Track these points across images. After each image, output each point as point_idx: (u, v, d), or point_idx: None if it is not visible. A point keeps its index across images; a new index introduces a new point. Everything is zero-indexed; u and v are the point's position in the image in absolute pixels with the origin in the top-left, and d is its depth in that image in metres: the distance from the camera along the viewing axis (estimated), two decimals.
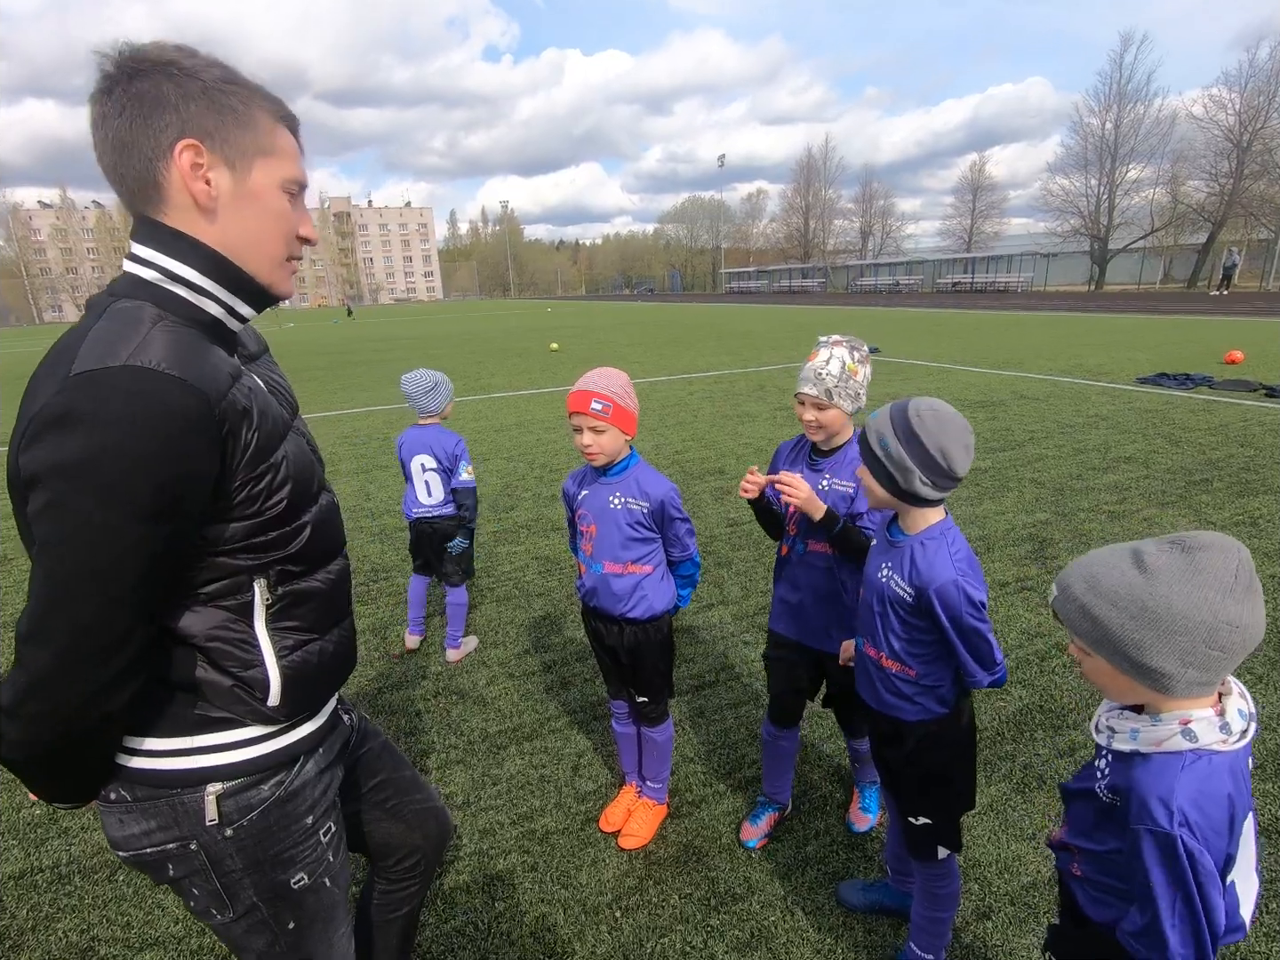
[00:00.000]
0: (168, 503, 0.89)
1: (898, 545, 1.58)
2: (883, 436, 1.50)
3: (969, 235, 69.27)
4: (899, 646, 1.58)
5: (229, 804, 1.05)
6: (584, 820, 2.43)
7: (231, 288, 1.03)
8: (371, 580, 4.48)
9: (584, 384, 1.96)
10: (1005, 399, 9.18)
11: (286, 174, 1.04)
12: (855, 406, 1.92)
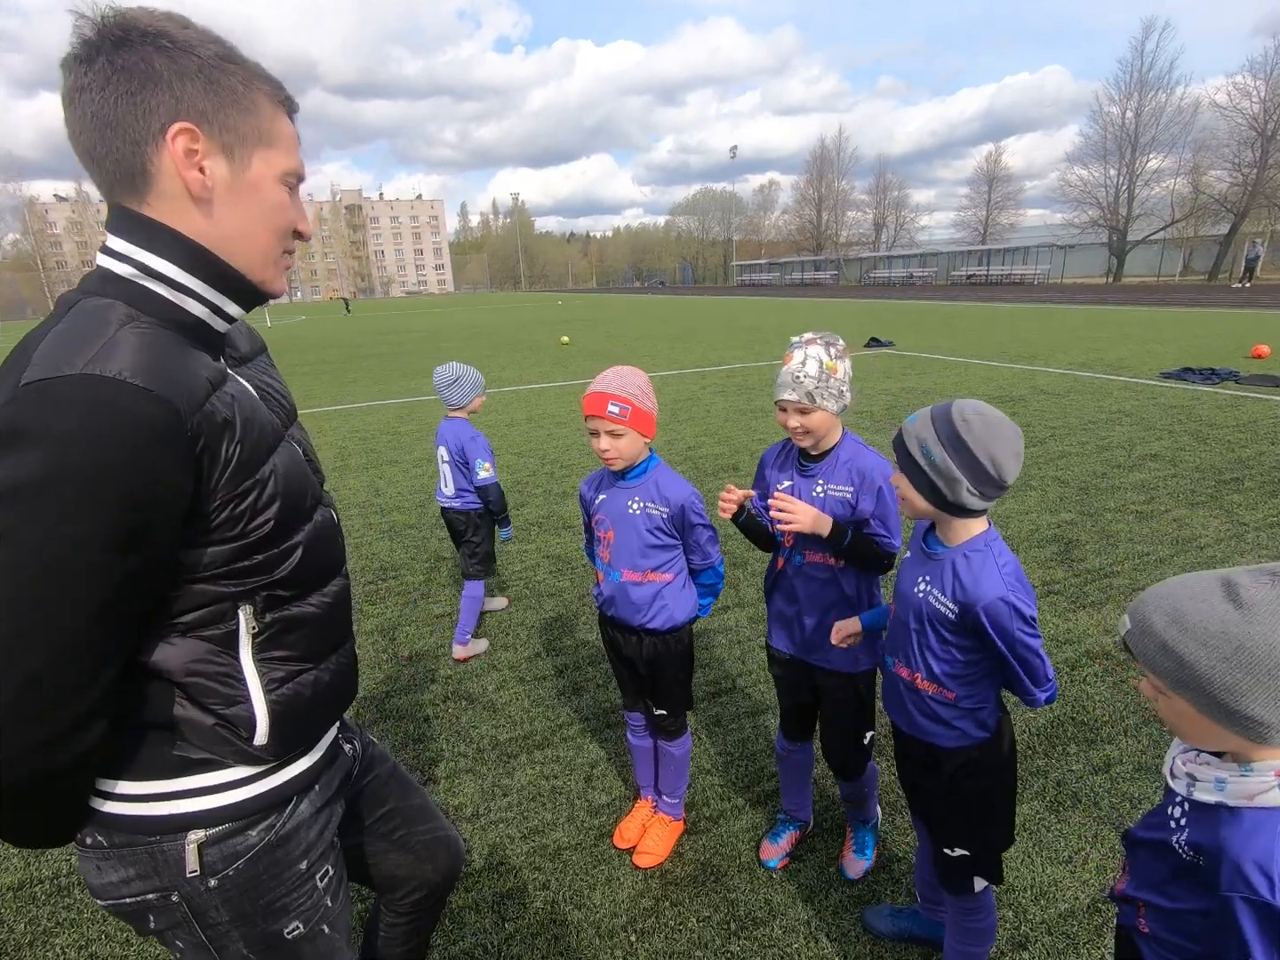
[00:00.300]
0: (132, 531, 0.79)
1: (936, 558, 1.47)
2: (924, 443, 1.38)
3: (984, 227, 68.42)
4: (938, 667, 1.47)
5: (212, 853, 0.96)
6: (597, 835, 2.35)
7: (218, 285, 0.94)
8: (380, 579, 4.40)
9: (600, 385, 1.85)
10: (1024, 394, 8.99)
11: (287, 165, 0.95)
12: (840, 405, 1.79)
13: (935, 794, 1.57)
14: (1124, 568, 4.09)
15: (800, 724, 2.13)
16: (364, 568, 4.58)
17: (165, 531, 0.83)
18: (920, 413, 1.44)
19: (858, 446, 1.87)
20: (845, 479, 1.83)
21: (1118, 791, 2.42)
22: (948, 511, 1.41)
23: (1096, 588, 3.87)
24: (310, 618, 1.03)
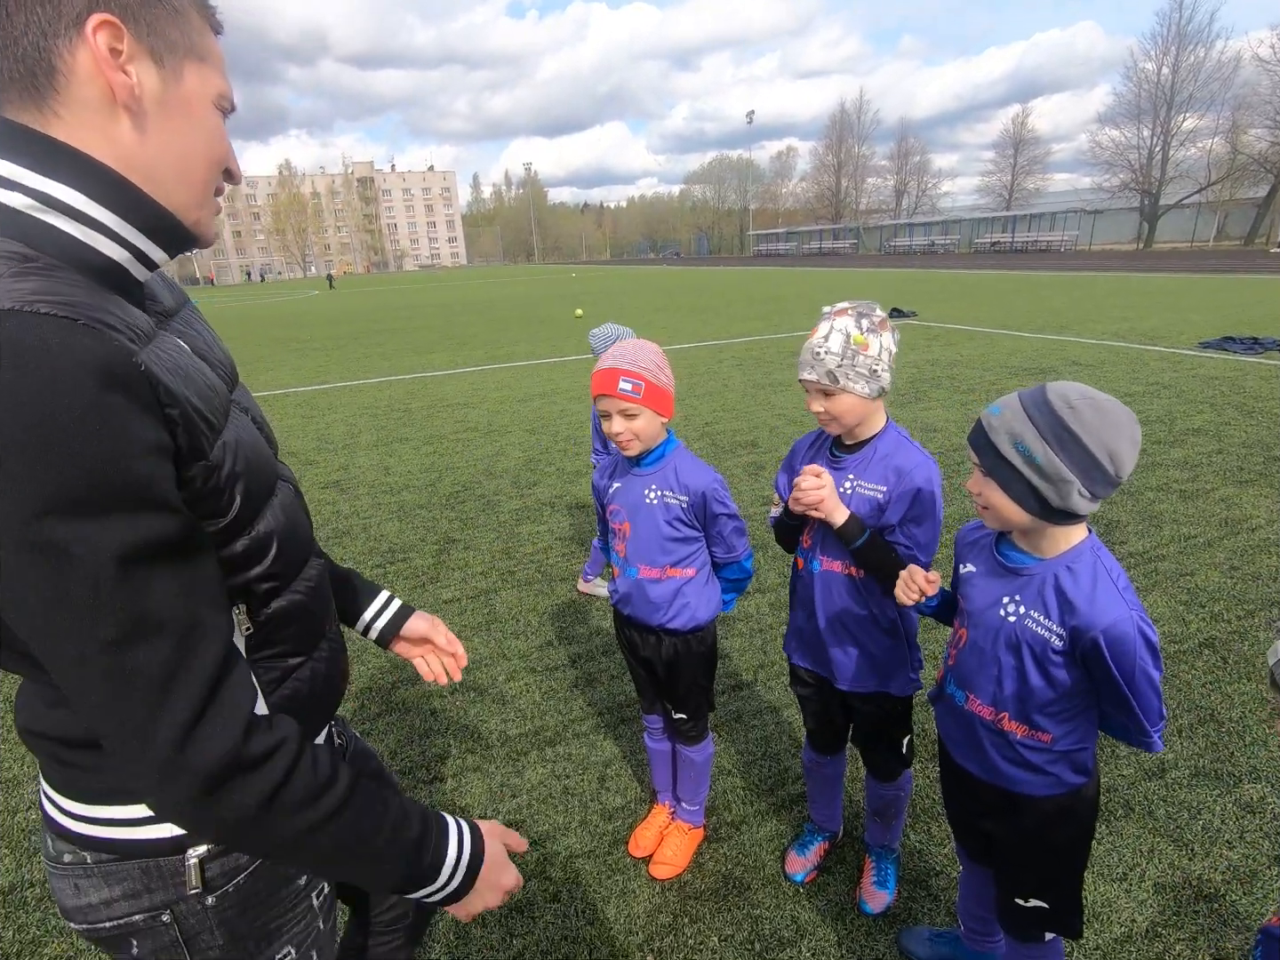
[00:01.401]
0: (116, 489, 0.64)
1: (1026, 572, 1.25)
2: (1020, 439, 1.15)
3: (1009, 192, 66.47)
4: (1034, 705, 1.26)
5: (213, 868, 0.87)
6: (611, 842, 2.21)
7: (141, 223, 0.77)
8: (388, 562, 4.27)
9: (610, 360, 1.65)
10: (1055, 365, 8.64)
11: (220, 87, 0.81)
12: (874, 388, 1.53)
13: (1012, 843, 1.38)
14: (1169, 551, 3.86)
15: (829, 741, 1.95)
16: (372, 549, 4.45)
17: (165, 488, 0.69)
18: (1005, 401, 1.20)
19: (901, 440, 1.62)
20: (879, 477, 1.58)
21: (1174, 800, 2.23)
22: (1051, 520, 1.19)
23: (1140, 573, 3.64)
24: (299, 606, 0.93)
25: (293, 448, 6.82)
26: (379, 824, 0.82)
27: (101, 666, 0.64)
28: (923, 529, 1.58)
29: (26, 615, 0.64)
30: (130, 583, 0.65)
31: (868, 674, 1.73)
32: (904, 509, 1.56)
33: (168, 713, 0.66)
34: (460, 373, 10.49)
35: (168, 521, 0.68)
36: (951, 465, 5.34)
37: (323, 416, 8.08)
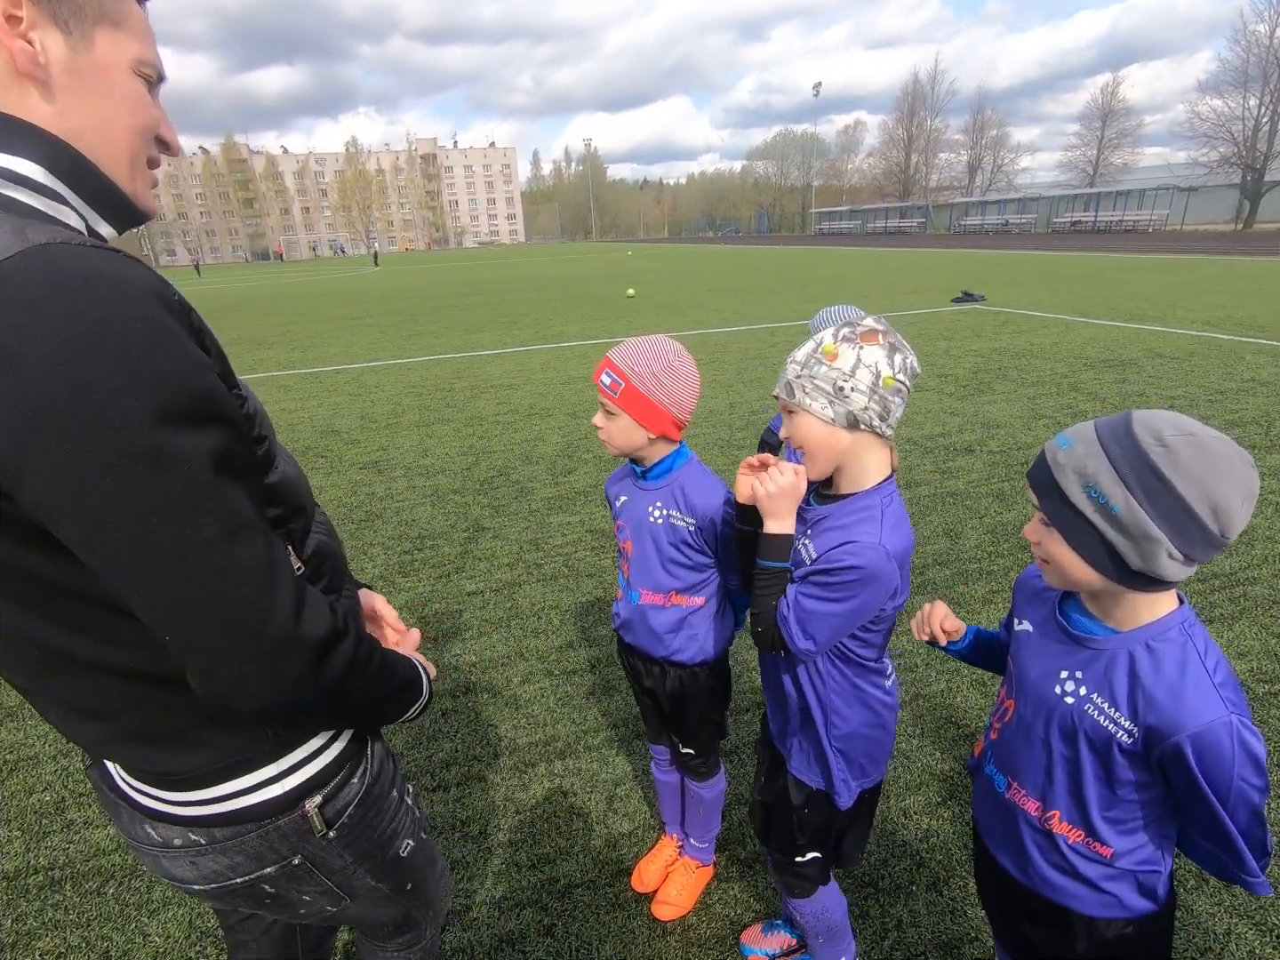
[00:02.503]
0: (197, 400, 0.68)
1: (1092, 645, 1.01)
2: (1093, 482, 0.91)
3: (1094, 167, 62.53)
4: (1094, 810, 1.03)
5: (329, 809, 0.95)
6: (614, 873, 2.06)
7: (88, 195, 0.78)
8: (416, 549, 4.21)
9: (614, 349, 1.49)
10: (1137, 357, 7.98)
11: (140, 53, 0.79)
12: (841, 412, 1.17)
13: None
14: (1262, 573, 3.45)
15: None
16: (401, 535, 4.40)
17: (226, 404, 0.74)
18: (1077, 431, 0.95)
19: (876, 510, 1.19)
20: (827, 546, 1.21)
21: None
22: (1128, 585, 0.94)
23: (1226, 597, 3.26)
24: (327, 547, 1.01)
25: (337, 426, 6.88)
26: (398, 664, 0.95)
27: (213, 563, 0.68)
28: (818, 607, 1.19)
29: (123, 530, 0.64)
30: (221, 486, 0.69)
31: (790, 753, 1.47)
32: (818, 569, 1.21)
33: (280, 596, 0.72)
34: (507, 352, 10.43)
35: (235, 434, 0.73)
36: (1015, 465, 4.96)
37: (369, 395, 8.13)
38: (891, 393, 1.17)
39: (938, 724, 2.58)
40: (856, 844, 1.51)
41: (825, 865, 1.53)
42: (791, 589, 1.24)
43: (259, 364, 10.51)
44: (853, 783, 1.41)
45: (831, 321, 2.58)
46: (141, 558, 0.65)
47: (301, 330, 14.25)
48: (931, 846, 2.09)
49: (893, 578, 1.18)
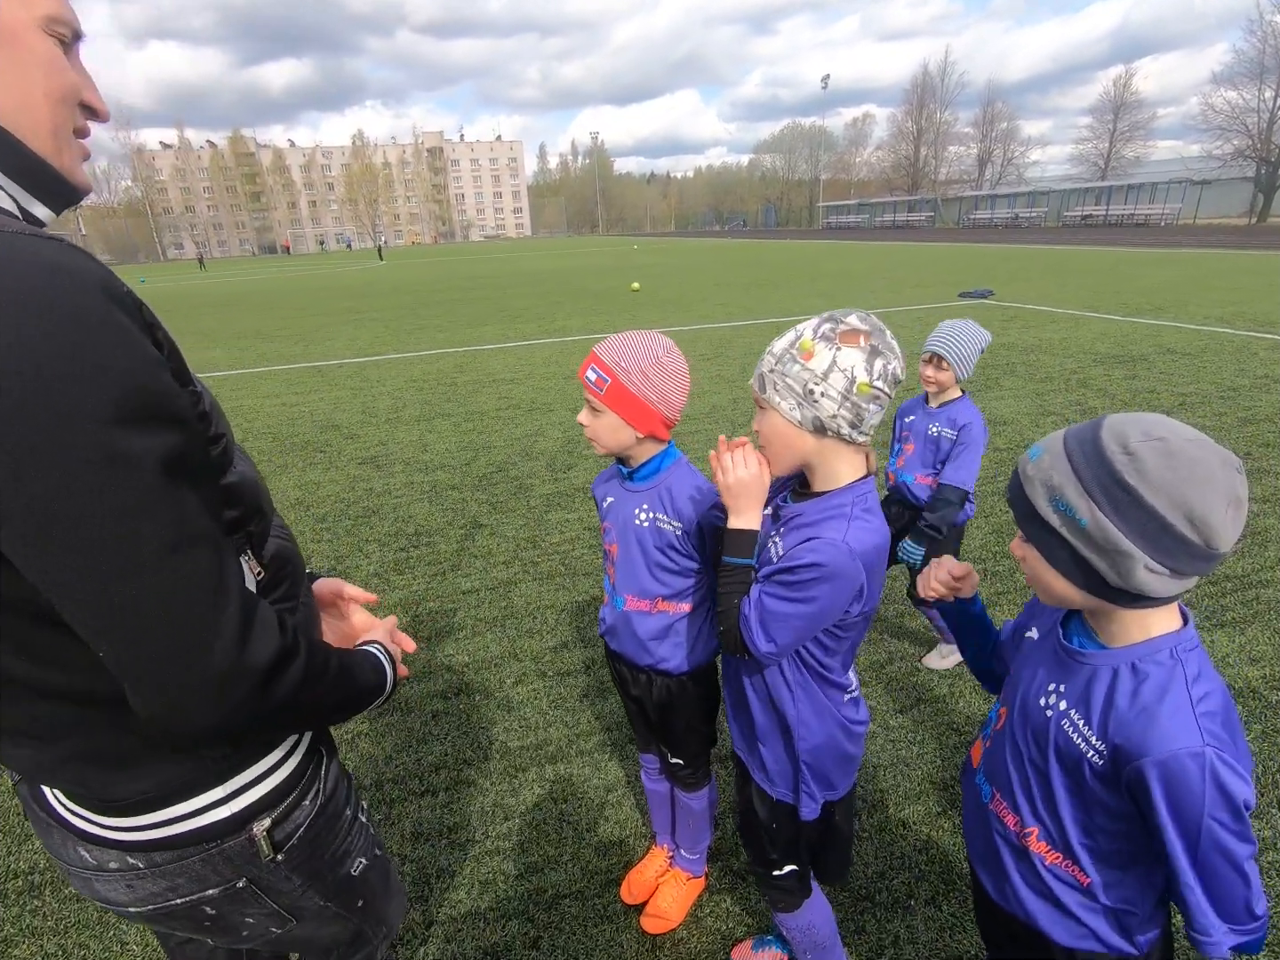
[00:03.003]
0: (148, 399, 0.64)
1: (1082, 660, 0.95)
2: (1059, 495, 0.85)
3: (1105, 161, 61.90)
4: (1072, 832, 0.96)
5: (278, 833, 0.90)
6: (603, 883, 2.01)
7: (17, 175, 0.72)
8: (412, 545, 4.16)
9: (598, 344, 1.42)
10: (1147, 353, 7.86)
11: (48, 9, 0.71)
12: (808, 416, 1.11)
13: None
14: (1276, 575, 3.36)
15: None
16: (398, 531, 4.35)
17: (176, 403, 0.68)
18: (1047, 441, 0.89)
19: (847, 517, 1.13)
20: (792, 544, 1.17)
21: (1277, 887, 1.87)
22: (1115, 601, 0.88)
23: (1238, 600, 3.18)
24: (286, 550, 0.96)
25: (337, 421, 6.84)
26: (358, 668, 0.91)
27: (158, 575, 0.63)
28: (779, 607, 1.14)
29: (63, 532, 0.60)
30: (173, 491, 0.65)
31: (750, 756, 1.44)
32: (779, 568, 1.15)
33: (225, 615, 0.67)
34: (509, 347, 10.37)
35: (189, 435, 0.69)
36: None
37: (371, 389, 8.09)
38: (867, 400, 1.10)
39: (939, 730, 2.51)
40: (839, 860, 1.46)
41: (804, 878, 1.48)
42: (755, 588, 1.19)
43: (261, 358, 10.47)
44: (818, 794, 1.36)
45: (955, 336, 2.44)
46: (81, 563, 0.61)
47: (305, 324, 14.22)
48: (931, 859, 2.02)
49: (856, 577, 1.11)
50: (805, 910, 1.50)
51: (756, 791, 1.42)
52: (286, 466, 5.64)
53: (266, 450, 6.05)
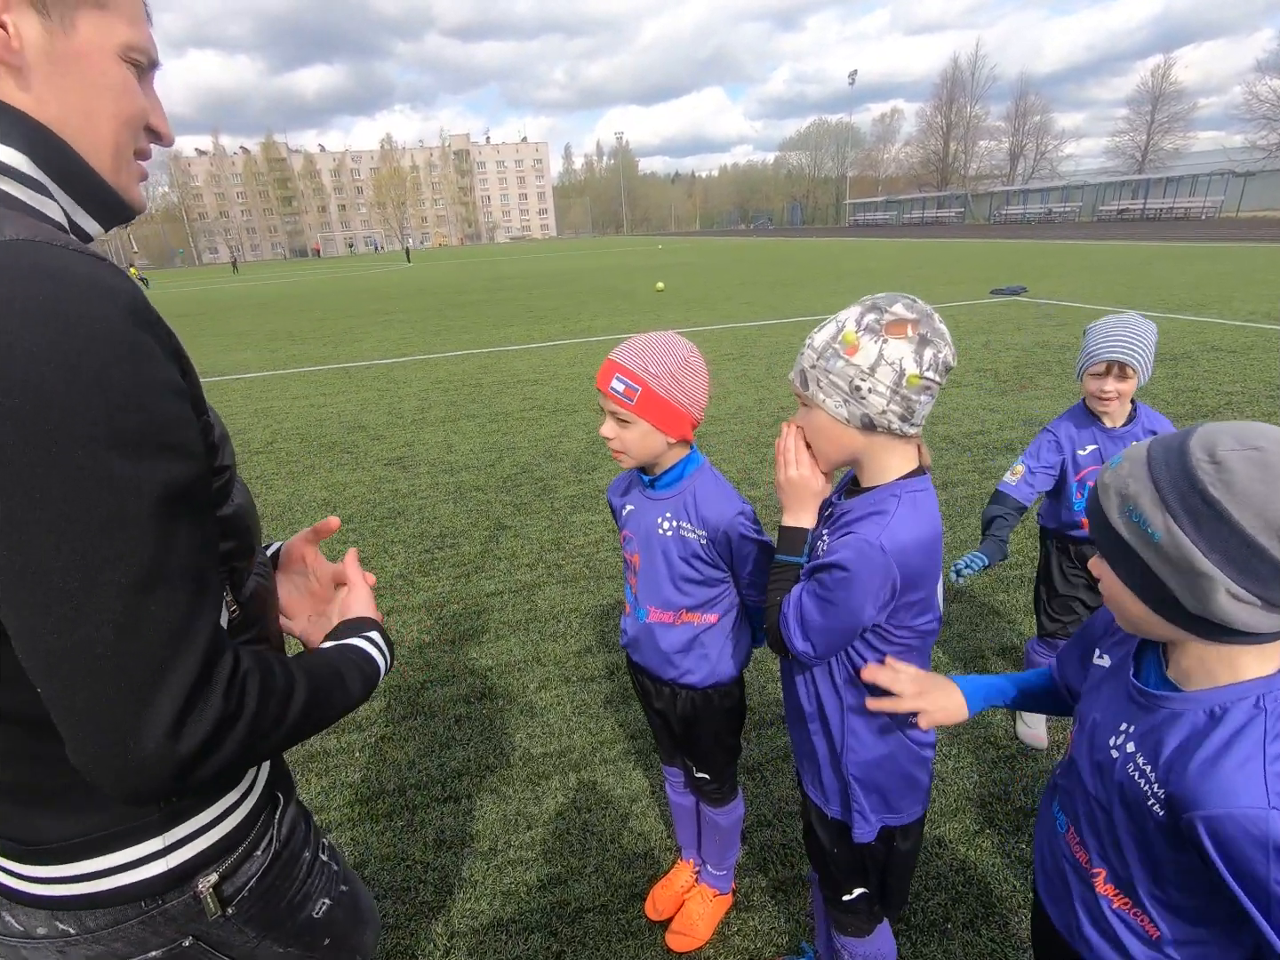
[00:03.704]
0: (159, 428, 0.61)
1: (1157, 703, 0.85)
2: (1133, 505, 0.77)
3: (1143, 153, 60.31)
4: (1139, 881, 0.88)
5: (227, 887, 0.83)
6: (627, 897, 1.96)
7: (70, 187, 0.72)
8: (436, 547, 4.16)
9: (616, 352, 1.36)
10: (1190, 351, 7.59)
11: (129, 37, 0.72)
12: (856, 413, 1.06)
13: None
14: None
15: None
16: (423, 533, 4.36)
17: (187, 433, 0.66)
18: (1131, 448, 0.81)
19: (890, 512, 1.07)
20: (839, 538, 1.12)
21: None
22: (1195, 631, 0.78)
23: None
24: (264, 589, 0.90)
25: (364, 422, 6.89)
26: (339, 681, 0.82)
27: (116, 613, 0.58)
28: (814, 606, 1.11)
29: (30, 548, 0.56)
30: (161, 524, 0.61)
31: (808, 777, 1.38)
32: (816, 566, 1.13)
33: (173, 676, 0.61)
34: (534, 347, 10.38)
35: (194, 468, 0.66)
36: None
37: (398, 390, 8.15)
38: (917, 391, 1.05)
39: (975, 744, 2.42)
40: (899, 889, 1.38)
41: (874, 901, 1.41)
42: (797, 587, 1.17)
43: (291, 359, 10.63)
44: (871, 815, 1.28)
45: (1137, 337, 2.12)
46: (39, 585, 0.56)
47: (334, 325, 14.42)
48: (969, 879, 1.94)
49: (887, 576, 1.05)
50: (876, 937, 1.44)
51: (814, 809, 1.36)
52: (314, 467, 5.69)
53: (295, 451, 6.11)
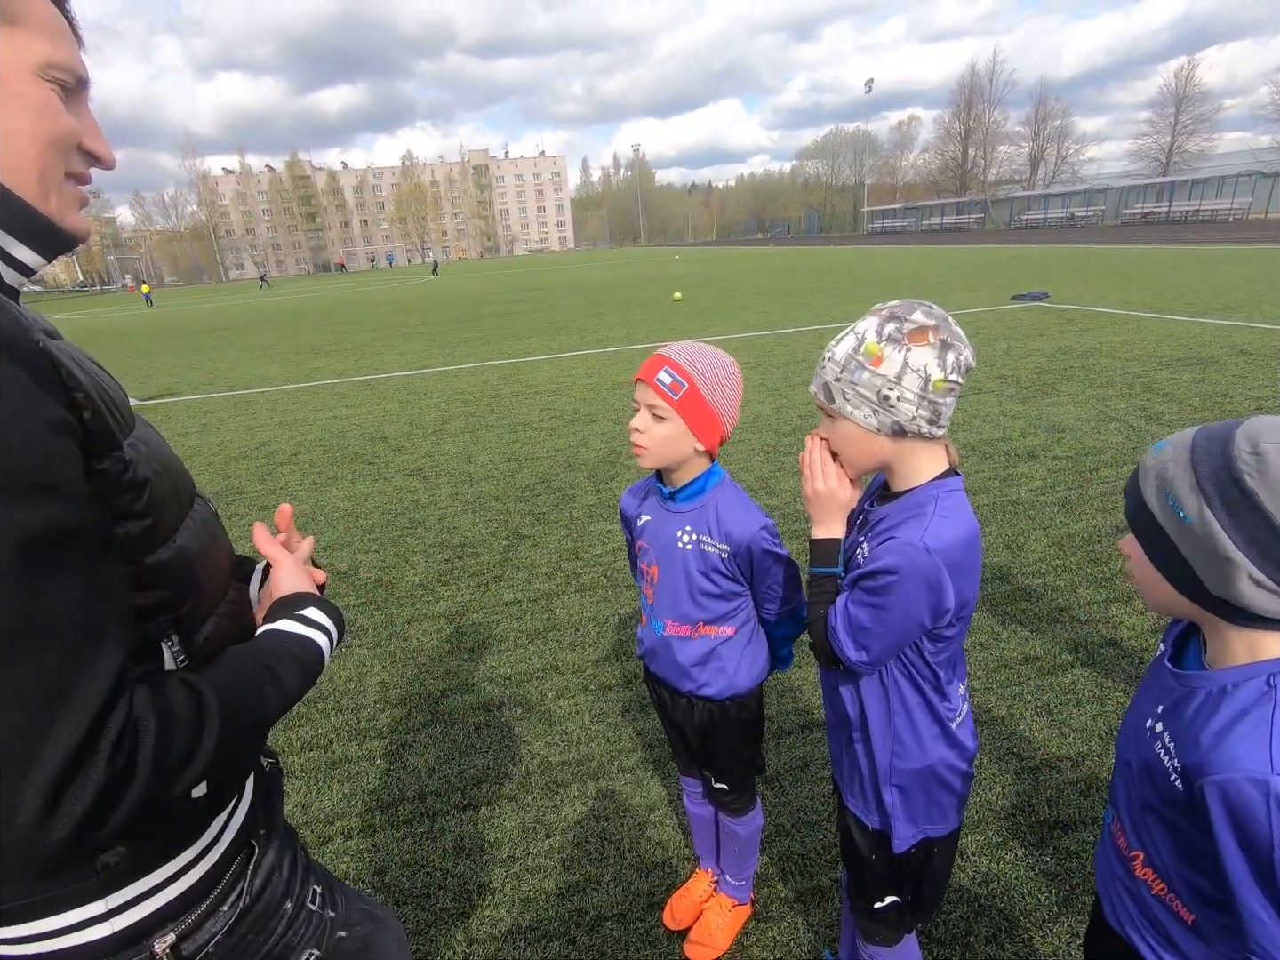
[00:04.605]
0: (17, 468, 0.56)
1: (1183, 682, 0.88)
2: (1171, 488, 0.81)
3: (1167, 156, 59.51)
4: (1169, 861, 0.89)
5: (187, 946, 0.78)
6: (645, 906, 1.96)
7: (2, 220, 0.69)
8: (456, 557, 4.20)
9: (666, 349, 1.36)
10: (1218, 355, 7.46)
11: (46, 55, 0.69)
12: (886, 421, 1.08)
13: None
14: None
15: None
16: (443, 543, 4.41)
17: (72, 473, 0.61)
18: (1177, 435, 0.84)
19: (927, 515, 1.08)
20: (880, 543, 1.13)
21: None
22: (1217, 613, 0.82)
23: None
24: (225, 632, 0.83)
25: (385, 433, 6.99)
26: (270, 689, 0.77)
27: None
28: (862, 615, 1.11)
29: None
30: (26, 577, 0.55)
31: (846, 785, 1.37)
32: (861, 574, 1.13)
33: (46, 746, 0.55)
34: (553, 358, 10.47)
35: (73, 510, 0.60)
36: (1082, 472, 4.65)
37: (418, 401, 8.26)
38: (943, 395, 1.07)
39: (999, 754, 2.39)
40: (933, 899, 1.37)
41: (904, 912, 1.39)
42: (841, 597, 1.18)
43: (315, 372, 10.82)
44: (913, 826, 1.27)
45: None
46: None
47: (357, 338, 14.65)
48: (991, 893, 1.91)
49: (935, 576, 1.05)
50: (903, 947, 1.43)
51: (852, 818, 1.35)
52: (336, 478, 5.78)
53: (318, 463, 6.22)
